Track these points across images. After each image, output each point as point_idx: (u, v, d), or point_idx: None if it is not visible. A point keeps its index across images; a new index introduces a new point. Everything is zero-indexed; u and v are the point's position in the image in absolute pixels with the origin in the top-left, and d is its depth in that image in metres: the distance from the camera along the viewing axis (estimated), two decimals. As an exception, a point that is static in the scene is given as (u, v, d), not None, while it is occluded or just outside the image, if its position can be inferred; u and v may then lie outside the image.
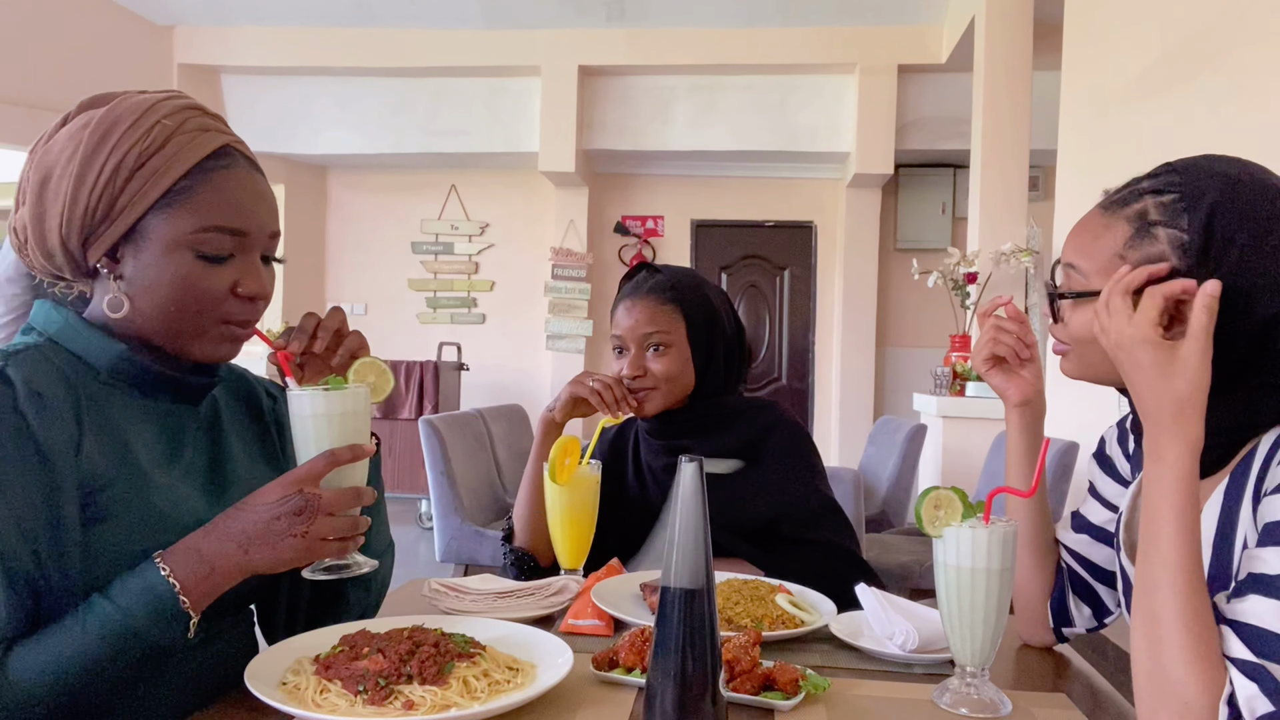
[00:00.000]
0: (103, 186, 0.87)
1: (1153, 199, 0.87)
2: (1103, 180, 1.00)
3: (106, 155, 0.87)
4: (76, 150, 0.87)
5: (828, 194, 6.73)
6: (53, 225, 0.89)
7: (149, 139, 0.88)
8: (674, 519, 0.79)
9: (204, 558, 0.85)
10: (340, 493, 0.90)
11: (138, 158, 0.87)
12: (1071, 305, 0.93)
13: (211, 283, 0.91)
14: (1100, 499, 1.12)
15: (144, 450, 0.92)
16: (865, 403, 6.49)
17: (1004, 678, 1.02)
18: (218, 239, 0.91)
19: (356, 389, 0.95)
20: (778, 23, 5.75)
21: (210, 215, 0.90)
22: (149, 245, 0.89)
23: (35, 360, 0.87)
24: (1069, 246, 0.95)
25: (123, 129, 0.88)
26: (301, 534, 0.86)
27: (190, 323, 0.92)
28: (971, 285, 4.40)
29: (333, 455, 0.90)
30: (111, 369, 0.92)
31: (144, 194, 0.88)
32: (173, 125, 0.89)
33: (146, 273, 0.90)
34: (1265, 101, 2.43)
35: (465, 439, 3.73)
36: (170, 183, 0.88)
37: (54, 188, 0.88)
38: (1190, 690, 0.74)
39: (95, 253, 0.90)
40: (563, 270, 6.70)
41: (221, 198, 0.91)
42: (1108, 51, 3.48)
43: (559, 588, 1.25)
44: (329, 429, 0.92)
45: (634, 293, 1.51)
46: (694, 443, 1.46)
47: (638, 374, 1.47)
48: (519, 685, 0.88)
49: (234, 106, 6.39)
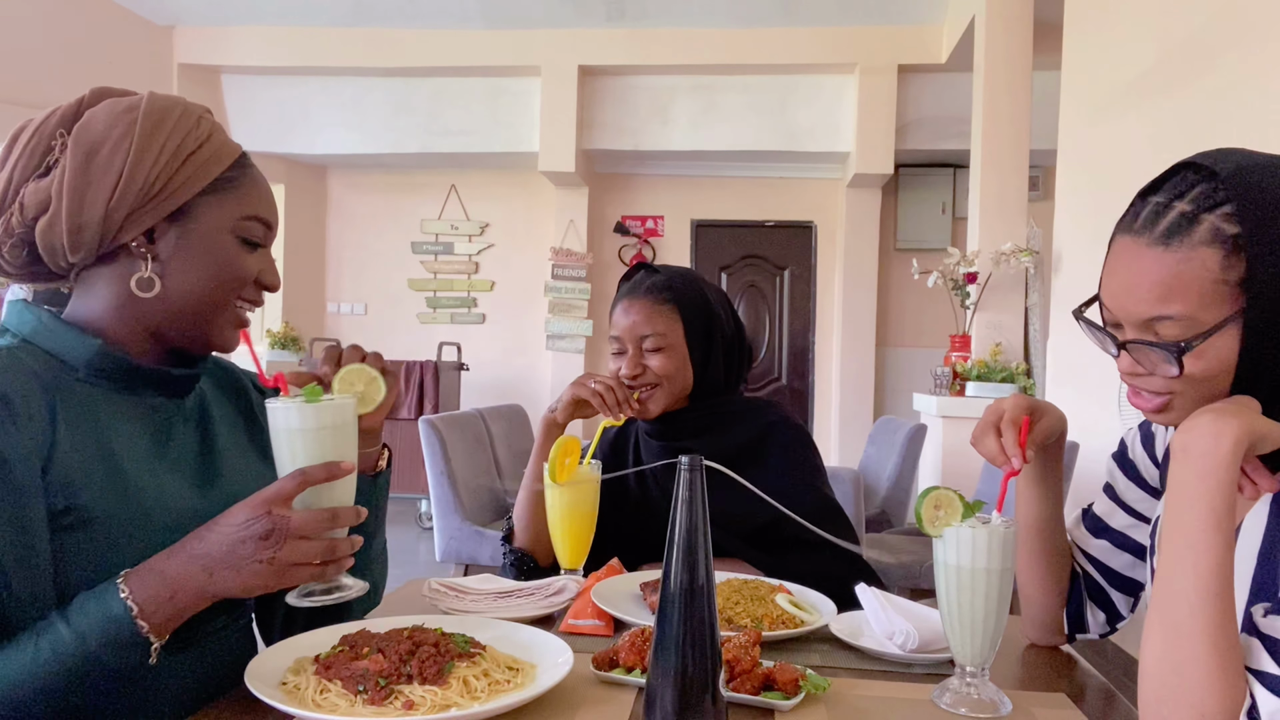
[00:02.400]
0: (163, 165, 0.90)
1: (1211, 215, 0.81)
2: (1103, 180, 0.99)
3: (166, 137, 0.91)
4: (131, 129, 0.89)
5: (828, 194, 6.73)
6: (100, 197, 0.88)
7: (200, 129, 0.94)
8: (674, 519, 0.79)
9: (166, 580, 0.81)
10: (313, 515, 0.84)
11: (193, 143, 0.93)
12: (1197, 352, 0.83)
13: (246, 267, 0.97)
14: (1121, 504, 1.11)
15: (126, 448, 0.91)
16: (865, 403, 6.49)
17: (1004, 678, 1.02)
18: (256, 228, 0.98)
19: (337, 400, 0.90)
20: (778, 23, 5.75)
21: (252, 205, 0.97)
22: (196, 226, 0.93)
23: (7, 361, 0.86)
24: (1141, 299, 0.84)
25: (176, 116, 0.93)
26: (268, 560, 0.81)
27: (218, 304, 0.95)
28: (971, 285, 4.40)
29: (304, 475, 0.85)
30: (90, 365, 0.91)
31: (196, 178, 0.93)
32: (211, 122, 0.97)
33: (189, 252, 0.93)
34: (1265, 101, 2.43)
35: (465, 439, 3.74)
36: (220, 170, 0.95)
37: (104, 162, 0.88)
38: (1210, 703, 0.72)
39: (134, 229, 0.91)
40: (563, 270, 6.70)
41: (258, 192, 0.99)
42: (1108, 51, 3.48)
43: (559, 588, 1.25)
44: (304, 444, 0.87)
45: (632, 293, 1.52)
46: (694, 443, 1.46)
47: (636, 373, 1.47)
48: (519, 685, 0.88)
49: (234, 106, 6.39)
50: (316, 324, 7.08)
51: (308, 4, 5.75)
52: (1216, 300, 0.81)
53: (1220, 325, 0.81)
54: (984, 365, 4.28)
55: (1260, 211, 0.80)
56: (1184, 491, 0.78)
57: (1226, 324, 0.81)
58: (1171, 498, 0.79)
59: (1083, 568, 1.12)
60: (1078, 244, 3.72)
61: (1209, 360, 0.83)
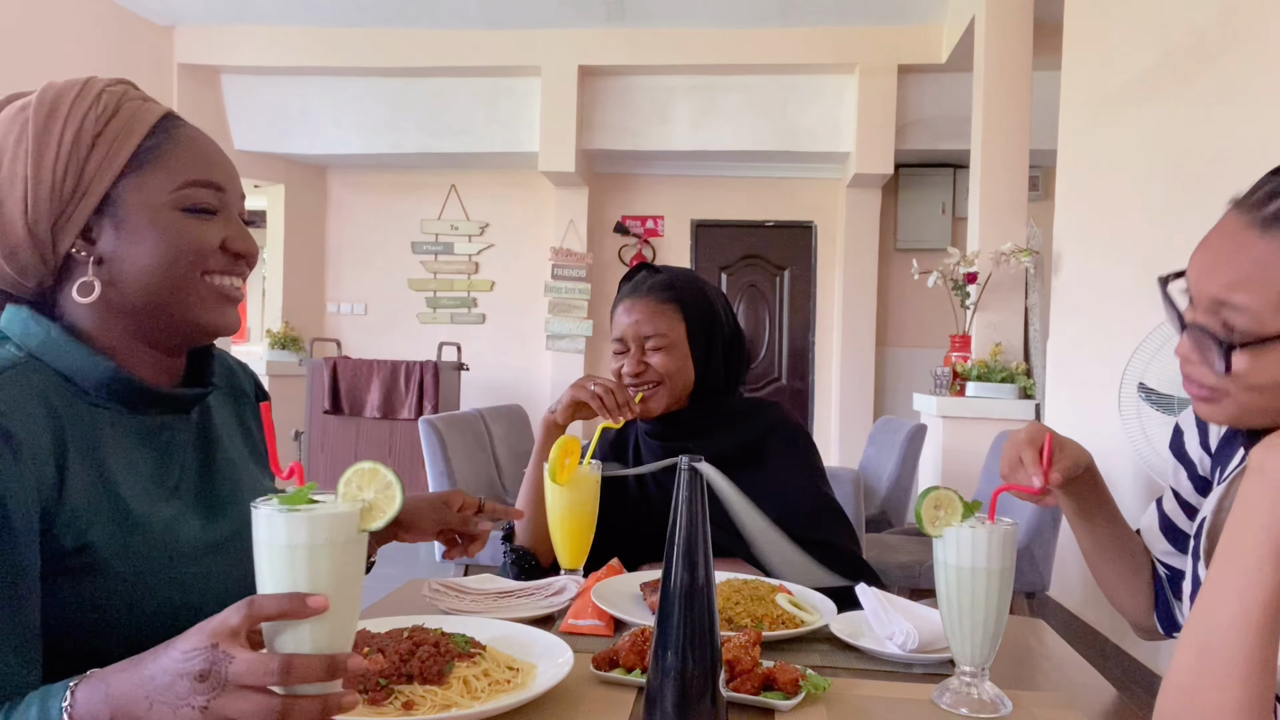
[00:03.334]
0: (65, 158, 0.81)
1: None
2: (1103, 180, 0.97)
3: (61, 127, 0.82)
4: (24, 129, 0.81)
5: (828, 194, 6.73)
6: (15, 213, 0.81)
7: (100, 106, 0.84)
8: (674, 519, 0.79)
9: (109, 700, 0.66)
10: (259, 661, 0.63)
11: (95, 124, 0.83)
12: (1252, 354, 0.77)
13: (200, 238, 0.86)
14: (1186, 506, 1.07)
15: (129, 478, 0.84)
16: (865, 403, 6.49)
17: (1004, 678, 1.02)
18: (200, 193, 0.87)
19: (332, 510, 0.67)
20: (778, 23, 5.75)
21: (186, 170, 0.86)
22: (129, 213, 0.84)
23: (15, 386, 0.77)
24: (1217, 278, 0.78)
25: (69, 100, 0.83)
26: (200, 708, 0.63)
27: (180, 285, 0.86)
28: (971, 285, 4.41)
29: (251, 608, 0.64)
30: (101, 388, 0.84)
31: (110, 160, 0.83)
32: (119, 93, 0.86)
33: (131, 242, 0.84)
34: (1264, 101, 2.43)
35: (465, 439, 3.74)
36: (135, 144, 0.84)
37: (7, 173, 0.81)
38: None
39: (68, 236, 0.82)
40: (563, 270, 6.69)
41: (192, 153, 0.87)
42: (1108, 51, 3.48)
43: (559, 588, 1.25)
44: (273, 562, 0.66)
45: (633, 293, 1.53)
46: (694, 443, 1.46)
47: (639, 371, 1.48)
48: (519, 685, 0.88)
49: (234, 106, 6.39)
50: (316, 324, 7.08)
51: (308, 4, 5.75)
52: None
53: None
54: (984, 365, 4.29)
55: None
56: (1251, 513, 0.71)
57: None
58: (1237, 514, 0.72)
59: (1164, 566, 1.08)
60: (1078, 244, 3.73)
61: (1263, 369, 0.76)
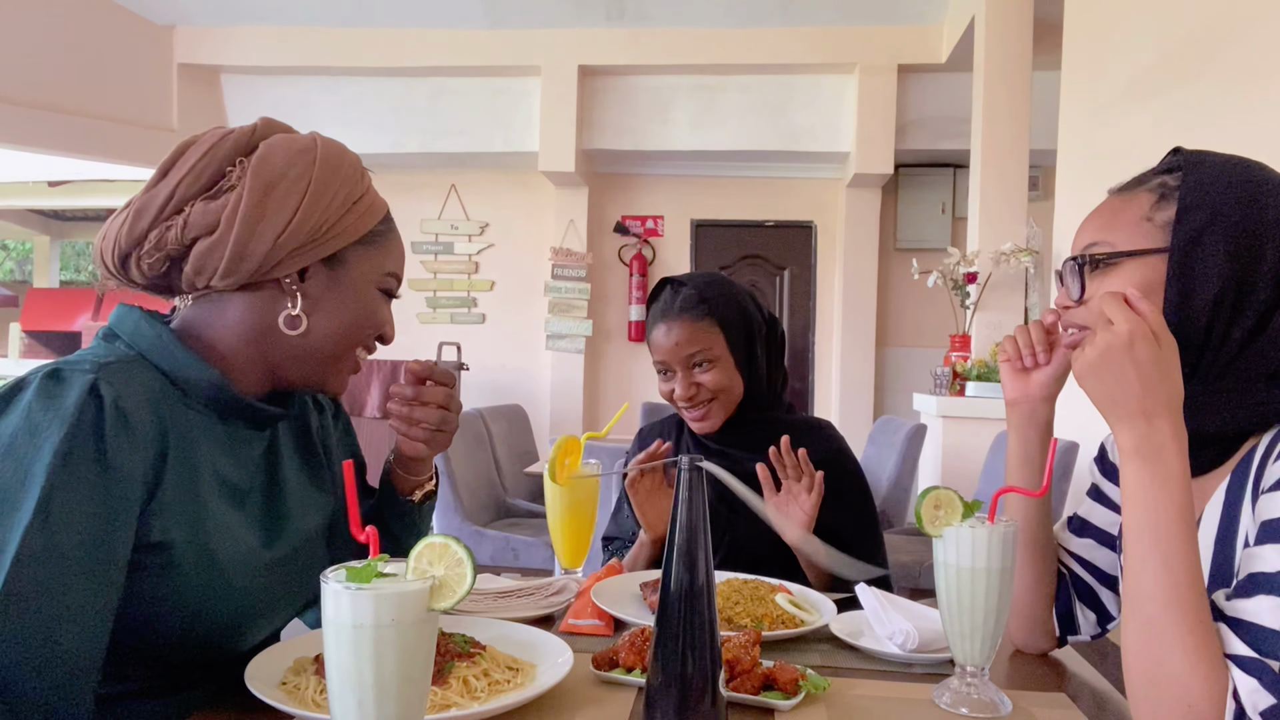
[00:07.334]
0: (333, 210, 0.94)
1: (1164, 175, 0.93)
2: (1103, 180, 1.01)
3: (339, 184, 0.95)
4: (309, 170, 0.93)
5: (828, 194, 6.73)
6: (270, 231, 0.90)
7: (364, 182, 1.00)
8: (674, 519, 0.79)
9: None
10: None
11: (359, 193, 0.98)
12: (1103, 273, 0.94)
13: (381, 319, 1.02)
14: (1106, 502, 1.12)
15: (213, 485, 0.89)
16: (865, 403, 6.48)
17: (1004, 678, 1.02)
18: (393, 282, 1.03)
19: (400, 588, 0.63)
20: (778, 23, 5.75)
21: (395, 261, 1.04)
22: (346, 273, 0.97)
23: (131, 377, 0.83)
24: (1087, 230, 0.97)
25: (348, 164, 0.97)
26: None
27: (348, 350, 0.99)
28: (971, 285, 4.41)
29: None
30: (204, 396, 0.90)
31: (355, 227, 0.97)
32: (368, 175, 1.02)
33: (337, 297, 0.96)
34: (1264, 101, 2.43)
35: (465, 439, 3.74)
36: (374, 224, 1.00)
37: (280, 198, 0.91)
38: (1195, 693, 0.74)
39: (291, 264, 0.93)
40: (563, 270, 6.69)
41: (399, 248, 1.05)
42: (1108, 51, 3.48)
43: (559, 588, 1.25)
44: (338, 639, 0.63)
45: (666, 314, 1.50)
46: (750, 458, 1.42)
47: (691, 394, 1.47)
48: (519, 685, 0.88)
49: (234, 106, 6.38)
50: (316, 324, 7.08)
51: (308, 4, 5.75)
52: (1139, 236, 0.91)
53: (1132, 253, 0.91)
54: (984, 365, 4.29)
55: (1201, 173, 0.89)
56: (1142, 490, 0.80)
57: (1140, 255, 0.90)
58: (1129, 496, 0.81)
59: (1069, 568, 1.12)
60: (1078, 244, 3.72)
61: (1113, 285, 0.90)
